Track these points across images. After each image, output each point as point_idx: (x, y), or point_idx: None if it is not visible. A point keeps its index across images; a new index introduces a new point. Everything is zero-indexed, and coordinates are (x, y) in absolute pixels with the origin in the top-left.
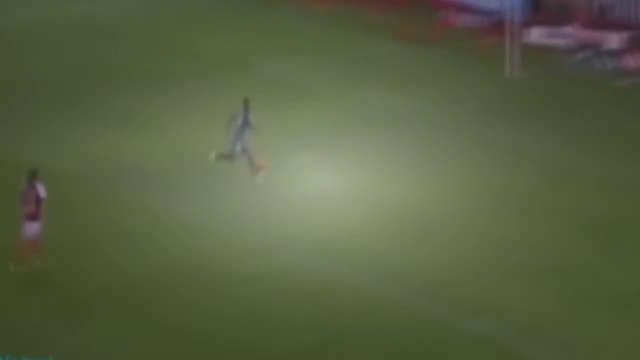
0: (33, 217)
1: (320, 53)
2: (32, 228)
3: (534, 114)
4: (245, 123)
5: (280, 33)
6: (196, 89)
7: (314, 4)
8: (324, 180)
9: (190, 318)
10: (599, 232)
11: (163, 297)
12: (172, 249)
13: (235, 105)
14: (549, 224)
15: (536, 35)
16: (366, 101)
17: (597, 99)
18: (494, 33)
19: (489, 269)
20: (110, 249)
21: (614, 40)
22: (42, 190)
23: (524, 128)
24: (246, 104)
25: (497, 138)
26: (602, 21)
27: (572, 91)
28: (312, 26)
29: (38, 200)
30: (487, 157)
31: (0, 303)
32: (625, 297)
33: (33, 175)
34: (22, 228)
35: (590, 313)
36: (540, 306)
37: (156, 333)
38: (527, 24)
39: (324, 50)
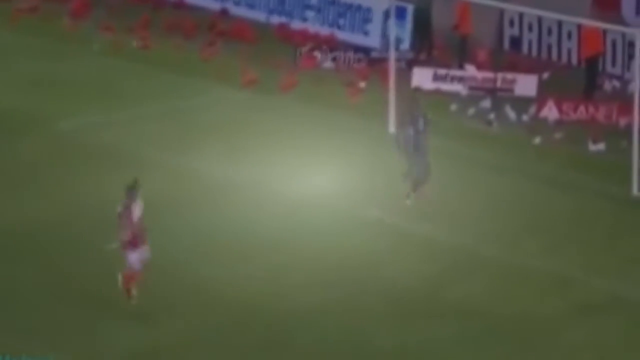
0: (137, 244)
1: (137, 105)
2: (142, 254)
3: None
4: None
5: (84, 79)
6: None
7: (140, 41)
8: None
9: None
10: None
11: None
12: None
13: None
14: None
15: (425, 78)
16: (197, 169)
17: (508, 164)
18: (370, 76)
19: None
20: None
21: (527, 83)
22: (139, 208)
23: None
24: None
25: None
26: (513, 59)
27: (474, 154)
28: (128, 70)
29: (135, 222)
30: None
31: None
32: None
33: (131, 190)
34: (130, 260)
35: None
36: None
37: None
38: (414, 63)
39: (143, 102)
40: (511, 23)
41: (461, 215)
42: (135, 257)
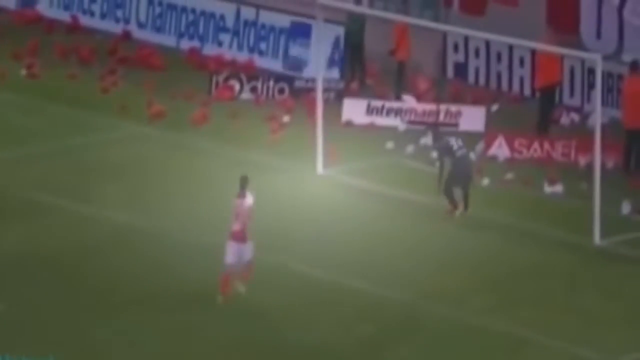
0: (241, 238)
1: (26, 143)
2: (240, 251)
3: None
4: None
5: None
6: None
7: (28, 70)
8: None
9: None
10: None
11: None
12: None
13: None
14: None
15: (357, 111)
16: (96, 216)
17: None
18: (295, 109)
19: None
20: None
21: (473, 117)
22: (250, 200)
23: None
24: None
25: None
26: (457, 89)
27: (412, 198)
28: (14, 102)
29: (247, 216)
30: None
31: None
32: None
33: (244, 184)
34: (227, 250)
35: None
36: None
37: None
38: (345, 94)
39: (32, 139)
40: (455, 48)
41: (400, 269)
42: (235, 249)
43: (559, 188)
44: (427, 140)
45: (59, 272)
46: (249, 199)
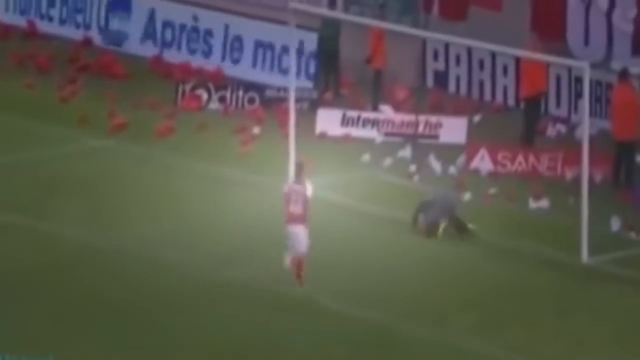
0: (300, 220)
1: None
2: (299, 235)
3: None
4: None
5: None
6: None
7: None
8: None
9: None
10: None
11: None
12: None
13: None
14: None
15: (332, 122)
16: (54, 234)
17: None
18: (265, 120)
19: None
20: None
21: (454, 128)
22: (309, 189)
23: None
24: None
25: None
26: (438, 99)
27: (391, 214)
28: None
29: (305, 201)
30: None
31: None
32: None
33: (300, 169)
34: (287, 234)
35: None
36: None
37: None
38: (319, 104)
39: None
40: (435, 55)
41: (377, 287)
42: (302, 232)
43: (544, 203)
44: (406, 153)
45: (14, 290)
46: (309, 188)
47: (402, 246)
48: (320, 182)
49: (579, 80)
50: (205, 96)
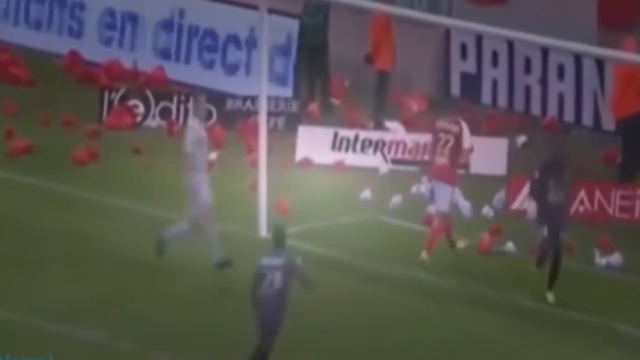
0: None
1: None
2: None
3: None
4: None
5: None
6: None
7: None
8: None
9: None
10: None
11: None
12: None
13: None
14: None
15: (318, 145)
16: None
17: (461, 290)
18: (226, 141)
19: None
20: None
21: (491, 154)
22: (467, 136)
23: None
24: None
25: None
26: (467, 112)
27: (404, 274)
28: None
29: (458, 150)
30: None
31: None
32: None
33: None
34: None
35: None
36: None
37: None
38: (300, 120)
39: None
40: (463, 52)
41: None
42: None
43: (616, 259)
44: (421, 188)
45: None
46: (466, 132)
47: (417, 317)
48: (301, 230)
49: None
50: (141, 109)
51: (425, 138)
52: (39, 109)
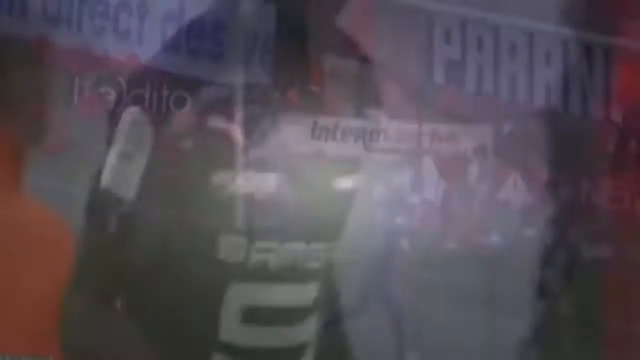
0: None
1: None
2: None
3: None
4: None
5: None
6: None
7: None
8: None
9: None
10: None
11: None
12: None
13: None
14: None
15: (297, 135)
16: None
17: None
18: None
19: None
20: None
21: (475, 141)
22: None
23: None
24: None
25: None
26: (450, 99)
27: None
28: None
29: None
30: None
31: None
32: None
33: None
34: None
35: None
36: None
37: None
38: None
39: None
40: (447, 36)
41: None
42: None
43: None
44: (403, 178)
45: None
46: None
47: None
48: None
49: None
50: (112, 96)
51: (407, 126)
52: (5, 97)
